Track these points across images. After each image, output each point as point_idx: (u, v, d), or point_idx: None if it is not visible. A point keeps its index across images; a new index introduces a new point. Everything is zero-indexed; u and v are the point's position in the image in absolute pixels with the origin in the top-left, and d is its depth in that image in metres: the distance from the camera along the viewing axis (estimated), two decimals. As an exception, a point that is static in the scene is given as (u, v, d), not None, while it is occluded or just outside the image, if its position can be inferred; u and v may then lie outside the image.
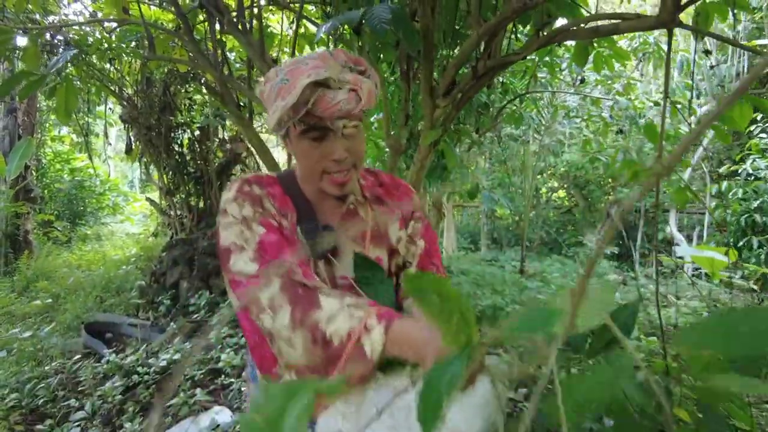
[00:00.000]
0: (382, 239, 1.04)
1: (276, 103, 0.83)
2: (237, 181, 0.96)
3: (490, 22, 1.74)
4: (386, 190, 1.10)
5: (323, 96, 0.82)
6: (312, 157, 0.90)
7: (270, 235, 0.87)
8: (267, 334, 0.79)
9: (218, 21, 2.30)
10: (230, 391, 2.83)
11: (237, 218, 0.89)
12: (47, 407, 2.70)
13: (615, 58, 2.88)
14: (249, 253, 0.84)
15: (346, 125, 0.87)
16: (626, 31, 1.60)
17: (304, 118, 0.85)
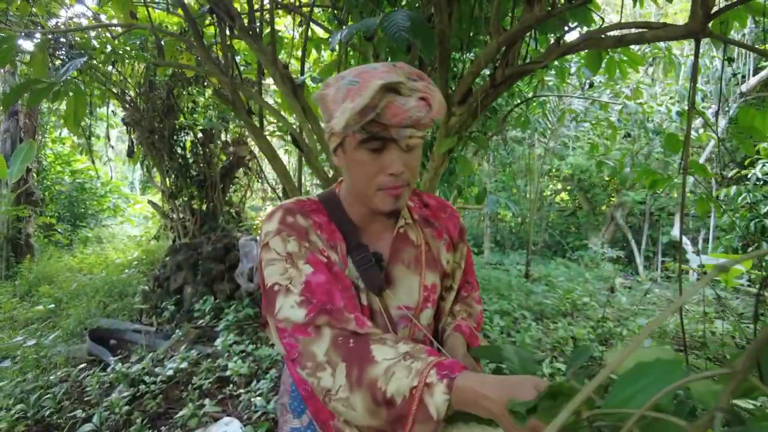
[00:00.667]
0: (435, 264, 0.99)
1: (344, 105, 0.76)
2: (279, 210, 0.89)
3: (510, 30, 1.70)
4: (432, 212, 1.04)
5: (393, 101, 0.76)
6: (368, 170, 0.83)
7: (318, 275, 0.80)
8: (321, 392, 0.73)
9: (228, 26, 2.26)
10: (240, 402, 2.79)
11: (281, 255, 0.83)
12: (53, 418, 2.66)
13: (628, 63, 2.85)
14: (295, 297, 0.78)
15: (413, 135, 0.80)
16: (653, 41, 1.57)
17: (368, 126, 0.78)
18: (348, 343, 0.73)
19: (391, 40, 1.65)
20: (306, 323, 0.75)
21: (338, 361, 0.71)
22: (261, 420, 2.55)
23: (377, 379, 0.68)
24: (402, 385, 0.66)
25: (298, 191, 2.39)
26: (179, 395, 2.97)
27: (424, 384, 0.65)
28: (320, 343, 0.73)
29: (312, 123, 2.21)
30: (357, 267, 0.89)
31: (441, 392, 0.64)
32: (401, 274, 0.94)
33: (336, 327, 0.74)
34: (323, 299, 0.77)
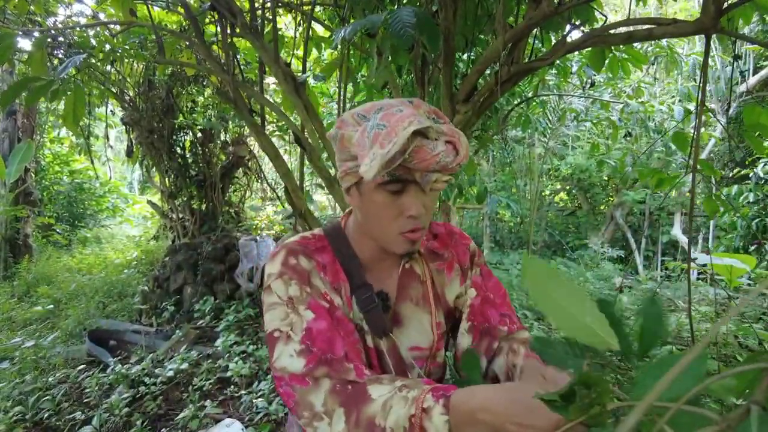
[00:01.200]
0: (440, 301, 0.95)
1: (374, 150, 0.71)
2: (282, 250, 0.86)
3: (517, 27, 1.68)
4: (441, 242, 0.99)
5: (422, 146, 0.73)
6: (387, 212, 0.81)
7: (319, 322, 0.78)
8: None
9: (230, 24, 2.23)
10: (241, 403, 2.77)
11: (282, 299, 0.80)
12: (52, 420, 2.63)
13: (631, 61, 2.83)
14: (295, 345, 0.75)
15: (438, 179, 0.77)
16: (661, 37, 1.55)
17: (393, 170, 0.75)
18: (346, 390, 0.70)
19: (394, 38, 1.63)
20: (304, 374, 0.73)
21: (335, 407, 0.69)
22: (263, 421, 2.53)
23: (375, 415, 0.66)
24: (400, 416, 0.64)
25: (299, 190, 2.37)
26: (179, 396, 2.95)
27: (421, 410, 0.63)
28: (318, 393, 0.71)
29: (314, 121, 2.19)
30: (360, 308, 0.86)
31: (439, 413, 0.62)
32: (410, 312, 0.91)
33: (334, 378, 0.72)
34: (324, 348, 0.75)
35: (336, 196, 2.28)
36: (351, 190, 0.85)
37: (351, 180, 0.82)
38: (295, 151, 6.15)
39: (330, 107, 5.46)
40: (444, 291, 0.96)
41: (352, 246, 0.90)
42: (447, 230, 1.02)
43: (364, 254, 0.90)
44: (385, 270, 0.92)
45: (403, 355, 0.88)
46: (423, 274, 0.93)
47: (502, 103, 4.55)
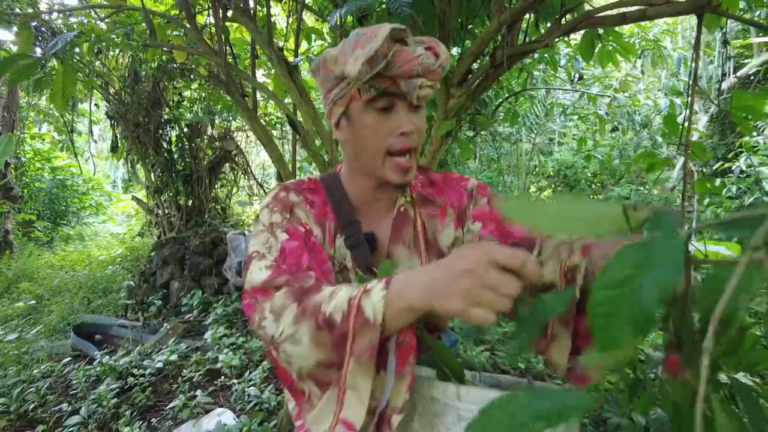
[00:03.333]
0: (432, 245, 0.94)
1: (356, 53, 0.74)
2: (276, 187, 0.90)
3: (513, 8, 1.69)
4: (437, 189, 0.98)
5: (402, 50, 0.75)
6: (378, 132, 0.81)
7: (291, 242, 0.79)
8: (271, 344, 0.69)
9: (223, 6, 2.21)
10: (232, 393, 2.74)
11: (265, 226, 0.83)
12: (37, 412, 2.57)
13: (620, 53, 2.86)
14: (267, 261, 0.76)
15: (423, 84, 0.77)
16: (655, 17, 1.57)
17: (377, 82, 0.77)
18: (300, 290, 0.70)
19: (392, 17, 1.63)
20: (266, 285, 0.73)
21: (288, 303, 0.68)
22: (255, 410, 2.50)
23: (321, 303, 0.64)
24: (341, 300, 0.62)
25: (292, 176, 2.35)
26: (169, 388, 2.90)
27: (362, 291, 0.62)
28: (273, 300, 0.70)
29: (308, 105, 2.17)
30: (348, 244, 0.87)
31: (378, 291, 0.60)
32: (403, 256, 0.91)
33: (292, 284, 0.72)
34: (291, 264, 0.76)
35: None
36: (340, 123, 0.85)
37: (339, 109, 0.83)
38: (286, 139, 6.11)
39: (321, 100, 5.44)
40: (436, 237, 0.94)
41: (345, 189, 0.92)
42: (444, 177, 1.01)
43: (357, 197, 0.91)
44: (378, 213, 0.93)
45: None
46: (416, 218, 0.93)
47: (491, 97, 4.58)
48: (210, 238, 4.90)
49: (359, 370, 0.60)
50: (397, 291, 0.60)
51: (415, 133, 0.82)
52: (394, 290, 0.60)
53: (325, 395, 0.65)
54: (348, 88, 0.80)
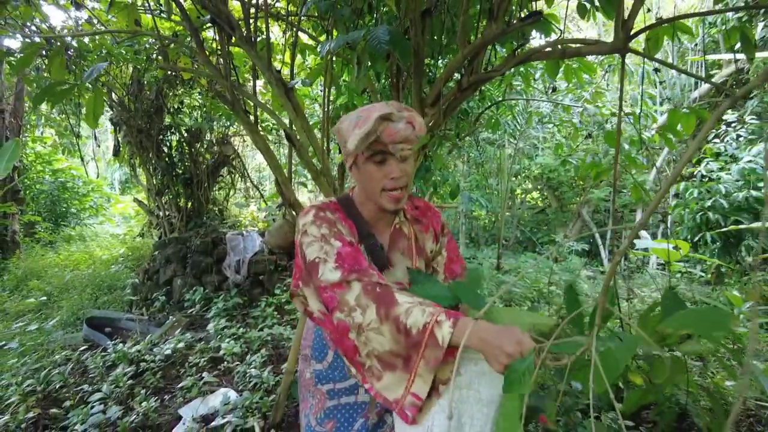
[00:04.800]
0: (421, 252, 1.31)
1: (355, 132, 1.10)
2: (311, 208, 1.20)
3: (474, 43, 2.02)
4: (421, 212, 1.37)
5: (388, 126, 1.10)
6: (375, 177, 1.15)
7: (345, 248, 1.10)
8: (356, 327, 1.00)
9: (227, 35, 2.53)
10: (234, 375, 3.06)
11: (317, 237, 1.13)
12: (62, 392, 2.88)
13: (583, 70, 3.22)
14: (331, 264, 1.07)
15: (404, 148, 1.12)
16: (587, 54, 1.91)
17: (372, 146, 1.11)
18: (375, 290, 1.01)
19: (372, 50, 1.95)
20: (341, 281, 1.04)
21: (369, 303, 1.00)
22: (256, 388, 2.82)
23: (400, 315, 0.96)
24: (418, 320, 0.95)
25: (289, 182, 2.67)
26: (177, 373, 3.22)
27: (435, 321, 0.94)
28: (351, 293, 1.02)
29: (302, 120, 2.49)
30: (367, 251, 1.21)
31: (447, 327, 0.92)
32: (398, 259, 1.28)
33: (363, 280, 1.03)
34: (352, 263, 1.07)
35: (321, 187, 2.58)
36: (352, 168, 1.21)
37: (351, 160, 1.19)
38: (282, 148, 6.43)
39: (312, 108, 5.76)
40: (424, 246, 1.34)
41: (358, 209, 1.26)
42: (425, 205, 1.41)
43: (367, 215, 1.27)
44: (382, 228, 1.29)
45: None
46: (409, 233, 1.31)
47: (473, 106, 4.92)
48: (210, 238, 5.20)
49: (426, 368, 0.95)
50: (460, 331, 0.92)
51: (403, 177, 1.16)
52: (458, 330, 0.92)
53: (392, 374, 0.99)
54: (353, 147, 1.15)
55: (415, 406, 0.95)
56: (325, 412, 1.23)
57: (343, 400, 1.22)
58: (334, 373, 1.25)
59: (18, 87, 6.57)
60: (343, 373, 1.24)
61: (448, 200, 4.50)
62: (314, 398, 1.26)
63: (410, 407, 0.96)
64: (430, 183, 4.39)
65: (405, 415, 0.96)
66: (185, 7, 2.47)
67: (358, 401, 1.24)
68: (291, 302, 4.43)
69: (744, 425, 2.27)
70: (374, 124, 1.07)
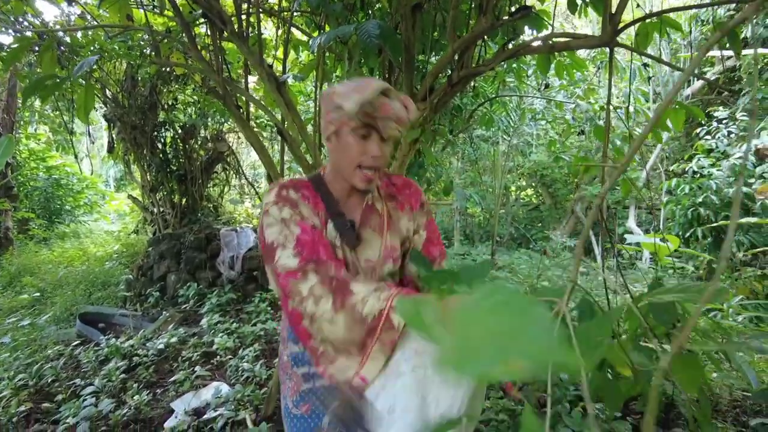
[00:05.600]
0: (395, 229, 1.29)
1: (353, 95, 1.07)
2: (276, 185, 1.18)
3: (464, 38, 2.04)
4: (398, 189, 1.35)
5: (385, 101, 1.09)
6: (354, 151, 1.13)
7: (305, 235, 1.09)
8: (308, 316, 1.00)
9: (219, 30, 2.54)
10: (226, 369, 3.07)
11: (277, 219, 1.11)
12: (54, 387, 2.89)
13: (574, 66, 3.24)
14: (290, 250, 1.06)
15: (391, 127, 1.12)
16: (576, 48, 1.93)
17: (363, 117, 1.10)
18: (331, 282, 1.01)
19: (364, 45, 1.97)
20: (297, 269, 1.04)
21: (324, 294, 0.99)
22: (248, 382, 2.84)
23: (356, 304, 0.97)
24: (374, 307, 0.95)
25: (281, 176, 2.69)
26: (170, 367, 3.22)
27: (390, 306, 0.95)
28: (306, 283, 1.02)
29: (294, 116, 2.50)
30: (336, 229, 1.20)
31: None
32: (369, 236, 1.25)
33: (320, 272, 1.03)
34: (310, 252, 1.06)
35: (313, 181, 2.60)
36: (331, 137, 1.18)
37: (332, 128, 1.16)
38: (274, 144, 6.44)
39: (307, 105, 5.76)
40: (398, 223, 1.31)
41: (328, 187, 1.25)
42: (404, 182, 1.38)
43: (337, 192, 1.25)
44: (353, 205, 1.27)
45: (361, 265, 1.22)
46: (381, 209, 1.29)
47: (467, 103, 4.94)
48: (204, 234, 5.21)
49: (380, 350, 0.96)
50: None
51: (381, 158, 1.16)
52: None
53: (346, 358, 0.99)
54: (342, 116, 1.13)
55: (360, 387, 0.97)
56: (300, 395, 1.23)
57: (318, 382, 1.22)
58: (309, 354, 1.26)
59: (11, 83, 6.54)
60: None
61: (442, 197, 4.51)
62: (291, 380, 1.27)
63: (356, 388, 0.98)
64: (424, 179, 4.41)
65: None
66: (177, 2, 2.47)
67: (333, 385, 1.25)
68: (285, 298, 4.45)
69: (730, 415, 2.30)
70: (374, 92, 1.06)
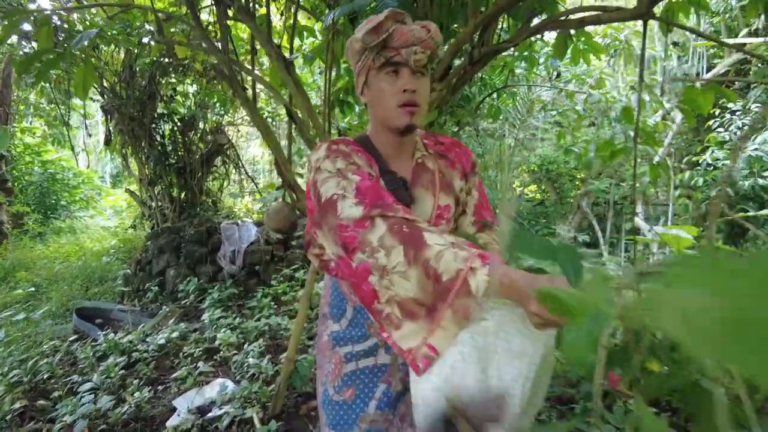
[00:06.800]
0: (449, 188, 1.18)
1: (365, 26, 1.02)
2: (323, 142, 1.09)
3: (486, 12, 1.91)
4: (446, 148, 1.24)
5: (400, 27, 1.01)
6: (387, 92, 1.05)
7: (365, 182, 0.98)
8: (378, 269, 0.88)
9: (225, 7, 2.41)
10: (230, 366, 2.94)
11: (332, 172, 1.01)
12: (49, 383, 2.75)
13: (591, 51, 3.11)
14: (351, 200, 0.95)
15: (417, 51, 1.02)
16: (608, 21, 1.80)
17: (383, 52, 1.03)
18: (402, 229, 0.89)
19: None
20: (363, 217, 0.92)
21: (395, 243, 0.88)
22: (254, 379, 2.71)
23: (430, 258, 0.84)
24: (450, 266, 0.83)
25: (288, 163, 2.56)
26: (171, 364, 3.09)
27: (469, 267, 0.82)
28: (375, 232, 0.90)
29: (303, 98, 2.38)
30: (388, 187, 1.08)
31: (483, 275, 0.81)
32: (421, 195, 1.14)
33: (388, 216, 0.91)
34: (374, 197, 0.95)
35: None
36: (363, 90, 1.11)
37: (362, 79, 1.09)
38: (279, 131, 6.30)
39: (310, 96, 5.63)
40: (451, 182, 1.20)
41: (375, 145, 1.15)
42: (452, 141, 1.28)
43: (384, 150, 1.15)
44: (401, 163, 1.16)
45: None
46: (433, 166, 1.18)
47: (474, 93, 4.81)
48: (205, 227, 5.07)
49: (452, 319, 0.83)
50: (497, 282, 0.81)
51: (417, 92, 1.05)
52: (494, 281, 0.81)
53: (413, 323, 0.87)
54: (365, 59, 1.05)
55: (429, 358, 0.84)
56: (342, 379, 1.12)
57: (362, 363, 1.11)
58: (352, 332, 1.14)
59: (5, 72, 6.37)
60: (363, 331, 1.13)
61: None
62: (331, 363, 1.15)
63: (423, 359, 0.84)
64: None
65: (416, 366, 0.85)
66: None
67: (378, 364, 1.12)
68: (288, 293, 4.32)
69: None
70: (385, 18, 1.00)
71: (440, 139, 1.27)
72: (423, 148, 1.21)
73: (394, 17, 1.02)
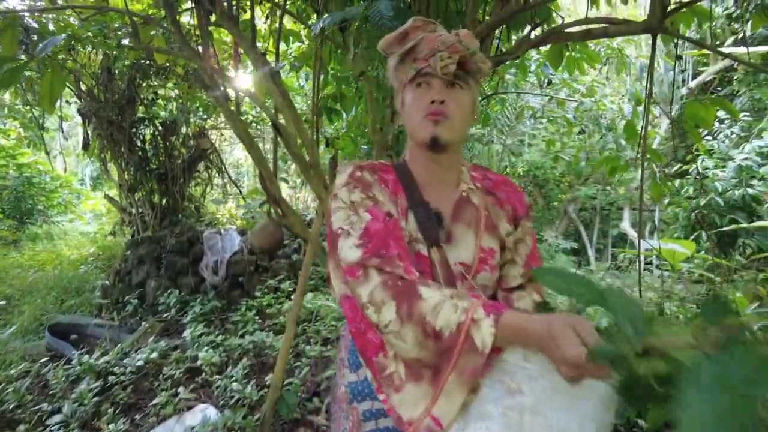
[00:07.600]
0: (494, 230, 1.04)
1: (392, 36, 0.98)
2: (350, 166, 0.99)
3: (486, 22, 1.81)
4: (494, 185, 1.11)
5: (427, 36, 0.94)
6: (417, 104, 0.96)
7: (376, 224, 0.88)
8: (374, 326, 0.80)
9: (206, 12, 2.26)
10: (213, 389, 2.79)
11: (346, 203, 0.92)
12: (17, 413, 2.57)
13: (586, 60, 3.03)
14: (354, 239, 0.86)
15: (443, 58, 0.92)
16: (615, 35, 1.71)
17: (413, 64, 0.96)
18: (396, 285, 0.79)
19: (373, 28, 1.73)
20: (357, 264, 0.83)
21: (387, 299, 0.78)
22: (237, 405, 2.56)
23: (426, 314, 0.74)
24: (450, 320, 0.72)
25: (274, 177, 2.42)
26: (150, 386, 2.93)
27: (471, 320, 0.72)
28: (366, 286, 0.80)
29: (290, 108, 2.24)
30: (417, 221, 0.97)
31: (488, 326, 0.71)
32: (461, 233, 1.01)
33: (385, 271, 0.81)
34: (378, 244, 0.85)
35: (310, 182, 2.34)
36: (401, 110, 1.04)
37: (399, 96, 1.03)
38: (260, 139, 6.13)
39: (296, 101, 5.49)
40: (497, 223, 1.06)
41: (412, 173, 1.03)
42: (503, 179, 1.15)
43: (421, 176, 1.03)
44: (441, 194, 1.03)
45: (451, 267, 0.97)
46: (480, 203, 1.05)
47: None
48: (186, 237, 4.89)
49: (458, 383, 0.72)
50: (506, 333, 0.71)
51: (447, 104, 0.94)
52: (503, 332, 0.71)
53: (416, 386, 0.76)
54: (398, 77, 1.00)
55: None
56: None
57: (382, 423, 0.96)
58: (372, 385, 1.00)
59: (-25, 74, 6.10)
60: None
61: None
62: (348, 420, 1.01)
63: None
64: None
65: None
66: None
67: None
68: (273, 305, 4.17)
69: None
70: (409, 25, 0.96)
71: (489, 175, 1.14)
72: (469, 180, 1.08)
73: (421, 27, 0.95)
